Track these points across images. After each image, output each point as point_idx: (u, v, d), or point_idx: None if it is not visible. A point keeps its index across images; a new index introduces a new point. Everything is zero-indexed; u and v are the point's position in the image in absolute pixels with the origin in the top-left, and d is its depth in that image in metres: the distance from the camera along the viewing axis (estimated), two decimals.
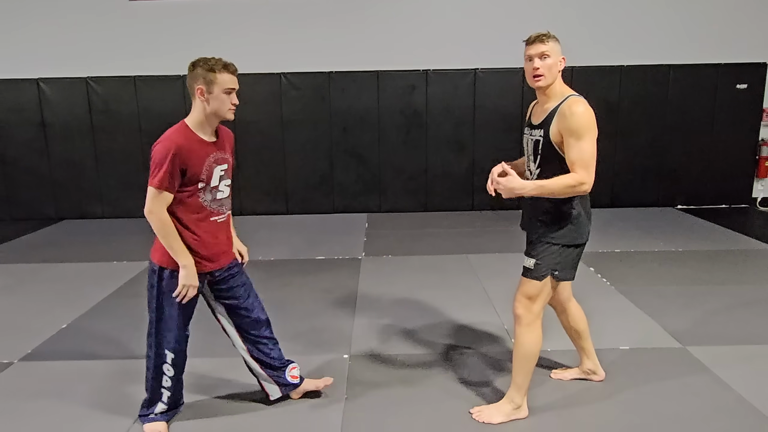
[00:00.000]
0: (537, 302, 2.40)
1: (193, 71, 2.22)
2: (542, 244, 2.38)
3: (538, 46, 2.31)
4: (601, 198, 6.93)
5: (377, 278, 4.53)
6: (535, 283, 2.38)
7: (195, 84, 2.22)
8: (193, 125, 2.26)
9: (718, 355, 3.08)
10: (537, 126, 2.38)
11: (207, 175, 2.26)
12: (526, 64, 2.36)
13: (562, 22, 6.63)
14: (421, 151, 6.95)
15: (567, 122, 2.24)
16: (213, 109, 2.23)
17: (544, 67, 2.30)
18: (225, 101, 2.23)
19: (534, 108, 2.51)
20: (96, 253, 5.40)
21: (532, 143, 2.40)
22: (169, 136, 2.20)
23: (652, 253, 5.05)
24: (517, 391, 2.49)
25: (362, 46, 6.76)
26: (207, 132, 2.29)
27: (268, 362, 2.56)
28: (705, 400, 2.65)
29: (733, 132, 6.86)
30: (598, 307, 3.80)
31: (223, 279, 2.42)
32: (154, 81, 6.73)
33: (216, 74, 2.19)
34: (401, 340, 3.37)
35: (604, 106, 6.74)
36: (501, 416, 2.49)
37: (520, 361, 2.45)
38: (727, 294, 4.02)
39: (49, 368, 3.10)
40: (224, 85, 2.21)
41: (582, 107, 2.24)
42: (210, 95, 2.21)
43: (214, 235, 2.34)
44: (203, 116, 2.25)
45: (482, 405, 2.59)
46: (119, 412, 2.64)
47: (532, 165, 2.42)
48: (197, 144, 2.24)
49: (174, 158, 2.15)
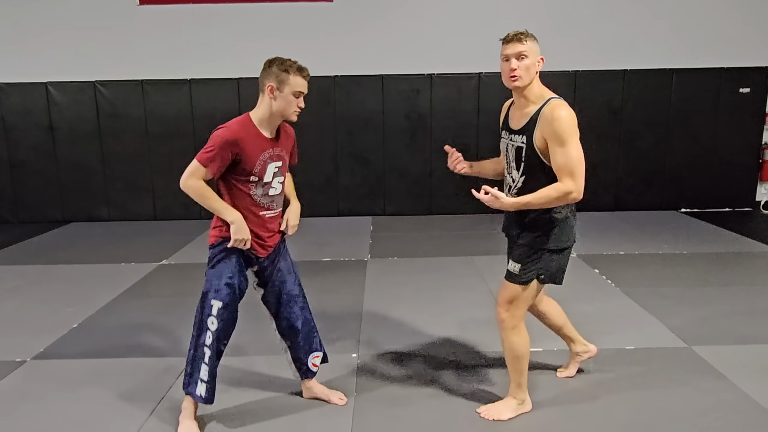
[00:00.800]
0: (520, 306, 2.41)
1: (268, 69, 2.29)
2: (527, 248, 2.35)
3: (516, 45, 2.22)
4: (605, 201, 6.96)
5: (383, 280, 4.56)
6: (519, 287, 2.37)
7: (267, 81, 2.28)
8: (256, 120, 2.33)
9: (724, 355, 3.11)
10: (517, 131, 2.32)
11: (260, 169, 2.32)
12: (503, 63, 2.27)
13: (566, 26, 6.69)
14: (425, 154, 6.99)
15: (550, 127, 2.19)
16: (279, 108, 2.30)
17: (522, 68, 2.21)
18: (292, 103, 2.29)
19: (511, 110, 2.42)
20: (104, 255, 5.44)
21: (514, 150, 2.34)
22: (230, 125, 2.28)
23: (656, 256, 5.08)
24: (518, 387, 2.53)
25: (367, 50, 6.81)
26: (267, 129, 2.35)
27: (300, 346, 2.61)
28: (711, 399, 2.67)
29: (737, 136, 6.89)
30: (603, 309, 3.82)
31: (270, 271, 2.49)
32: (162, 85, 6.79)
33: (290, 75, 2.26)
34: (408, 341, 3.40)
35: (607, 111, 6.77)
36: (509, 412, 2.52)
37: (512, 362, 2.48)
38: (732, 295, 4.04)
39: (61, 366, 3.14)
40: (295, 87, 2.28)
41: (565, 111, 2.19)
42: (280, 94, 2.27)
43: (262, 227, 2.40)
44: (268, 113, 2.31)
45: (488, 404, 2.60)
46: (130, 410, 2.67)
47: (515, 173, 2.36)
48: (255, 138, 2.30)
49: (227, 145, 2.22)
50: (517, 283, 2.37)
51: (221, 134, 2.24)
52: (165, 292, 4.36)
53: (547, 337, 3.05)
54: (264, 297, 2.56)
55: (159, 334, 3.55)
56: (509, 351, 2.46)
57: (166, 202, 6.93)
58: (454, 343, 3.35)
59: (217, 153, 2.23)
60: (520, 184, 2.35)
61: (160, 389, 2.84)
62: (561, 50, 6.72)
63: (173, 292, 4.30)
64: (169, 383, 2.90)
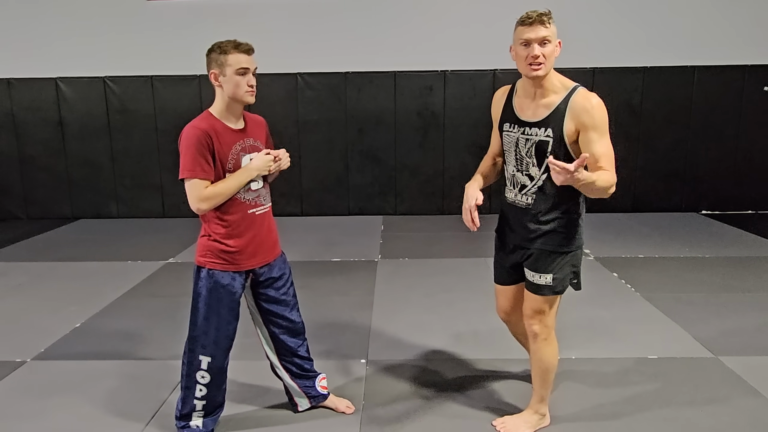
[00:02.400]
0: (550, 315, 2.26)
1: (207, 57, 2.14)
2: (554, 255, 2.16)
3: (539, 29, 1.96)
4: (623, 202, 6.77)
5: (394, 281, 4.43)
6: (550, 297, 2.21)
7: (210, 69, 2.13)
8: (217, 113, 2.16)
9: (753, 366, 2.94)
10: (536, 124, 2.09)
11: (234, 163, 2.15)
12: (520, 48, 2.00)
13: (584, 22, 6.50)
14: (438, 152, 6.85)
15: (588, 116, 2.00)
16: (229, 93, 2.11)
17: (545, 55, 1.98)
18: (240, 83, 2.09)
19: (517, 101, 2.17)
20: (111, 253, 5.37)
21: (532, 145, 2.11)
22: (191, 124, 2.11)
23: (677, 259, 4.89)
24: (541, 401, 2.38)
25: (379, 46, 6.68)
26: (231, 120, 2.18)
27: (300, 373, 2.46)
28: (743, 415, 2.51)
29: (760, 135, 6.66)
30: (623, 315, 3.67)
31: (267, 282, 2.30)
32: (171, 81, 6.72)
33: (228, 55, 2.07)
34: (419, 344, 3.27)
35: (626, 109, 6.59)
36: (527, 427, 2.38)
37: (542, 375, 2.32)
38: (758, 302, 3.86)
39: (61, 368, 3.06)
40: (236, 65, 2.07)
41: (597, 99, 2.03)
42: (224, 78, 2.10)
43: (252, 228, 2.22)
44: (223, 103, 2.15)
45: (504, 416, 2.47)
46: (131, 413, 2.57)
47: (534, 170, 2.13)
48: (223, 130, 2.13)
49: (200, 139, 2.05)
50: (550, 294, 2.19)
51: (188, 132, 2.07)
52: (170, 291, 4.27)
53: (562, 346, 2.90)
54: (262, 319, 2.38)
55: (162, 335, 3.46)
56: (539, 363, 2.30)
57: (174, 199, 6.86)
58: (467, 349, 3.20)
59: (195, 153, 2.04)
60: (540, 182, 2.14)
61: (162, 392, 2.75)
62: (579, 46, 6.54)
63: (179, 291, 4.21)
64: (171, 386, 2.80)
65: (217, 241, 2.17)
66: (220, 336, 2.23)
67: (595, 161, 2.02)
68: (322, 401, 2.55)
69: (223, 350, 2.26)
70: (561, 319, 3.40)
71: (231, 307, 2.23)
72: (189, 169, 2.05)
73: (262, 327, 2.40)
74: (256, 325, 2.42)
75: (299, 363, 2.45)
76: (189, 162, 2.05)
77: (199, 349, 2.23)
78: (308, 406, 2.54)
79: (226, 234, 2.17)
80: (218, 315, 2.21)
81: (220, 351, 2.25)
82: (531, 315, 2.26)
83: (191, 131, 2.07)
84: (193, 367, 2.25)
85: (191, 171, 2.05)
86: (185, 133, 2.09)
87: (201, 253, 2.20)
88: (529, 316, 2.27)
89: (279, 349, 2.41)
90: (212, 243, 2.18)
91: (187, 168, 2.05)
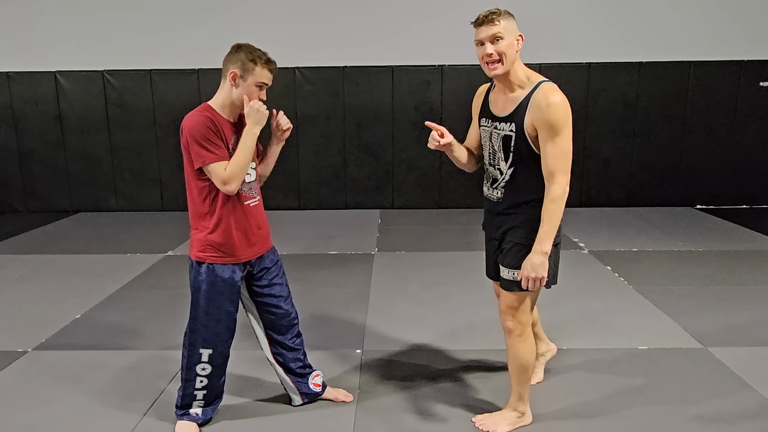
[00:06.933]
0: (525, 311, 2.21)
1: (234, 54, 2.15)
2: (523, 250, 2.11)
3: (489, 27, 2.00)
4: (618, 197, 6.83)
5: (390, 274, 4.49)
6: (522, 293, 2.17)
7: (230, 66, 2.15)
8: (218, 107, 2.20)
9: (742, 357, 3.00)
10: (503, 119, 2.11)
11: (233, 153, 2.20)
12: (478, 49, 2.05)
13: (579, 16, 6.53)
14: None
15: (543, 114, 1.98)
16: (238, 97, 2.17)
17: (499, 52, 2.00)
18: (253, 93, 2.16)
19: (492, 95, 2.22)
20: (110, 245, 5.42)
21: (500, 139, 2.13)
22: (193, 113, 2.15)
23: (671, 253, 4.95)
24: (519, 399, 2.37)
25: (377, 41, 6.70)
26: (230, 116, 2.23)
27: (292, 368, 2.49)
28: (730, 405, 2.57)
29: (756, 130, 6.71)
30: (615, 307, 3.72)
31: (261, 273, 2.35)
32: (170, 75, 6.74)
33: (256, 66, 2.13)
34: (414, 336, 3.32)
35: (621, 104, 6.61)
36: (506, 425, 2.36)
37: (517, 372, 2.30)
38: (749, 295, 3.92)
39: (62, 358, 3.11)
40: (260, 78, 2.15)
41: (558, 96, 1.98)
42: (242, 82, 2.14)
43: (249, 219, 2.27)
44: (229, 100, 2.19)
45: (484, 413, 2.46)
46: (131, 403, 2.62)
47: (503, 164, 2.16)
48: (223, 123, 2.18)
49: (207, 128, 2.08)
50: (518, 290, 2.15)
51: (195, 120, 2.10)
52: (169, 283, 4.32)
53: (554, 337, 2.95)
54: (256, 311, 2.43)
55: (161, 326, 3.51)
56: (514, 359, 2.29)
57: (173, 192, 6.89)
58: (462, 341, 3.26)
59: (207, 138, 2.07)
60: (508, 177, 2.16)
61: (161, 382, 2.80)
62: (574, 41, 6.58)
63: (177, 283, 4.25)
64: (169, 376, 2.85)
65: (215, 234, 2.22)
66: (221, 328, 2.28)
67: (549, 168, 2.02)
68: (316, 398, 2.59)
69: (224, 342, 2.31)
70: (553, 311, 3.48)
71: (232, 299, 2.28)
72: (206, 150, 2.08)
73: (258, 319, 2.44)
74: (251, 318, 2.46)
75: (291, 357, 2.48)
76: (203, 148, 2.08)
77: (200, 342, 2.28)
78: (300, 403, 2.57)
79: (226, 226, 2.22)
80: (219, 308, 2.26)
81: (222, 343, 2.31)
82: (504, 310, 2.25)
83: (198, 118, 2.11)
84: (193, 359, 2.30)
85: (209, 152, 2.08)
86: (190, 122, 2.11)
87: (199, 248, 2.23)
88: (502, 311, 2.26)
89: (272, 342, 2.45)
90: (210, 237, 2.22)
91: (204, 150, 2.08)
